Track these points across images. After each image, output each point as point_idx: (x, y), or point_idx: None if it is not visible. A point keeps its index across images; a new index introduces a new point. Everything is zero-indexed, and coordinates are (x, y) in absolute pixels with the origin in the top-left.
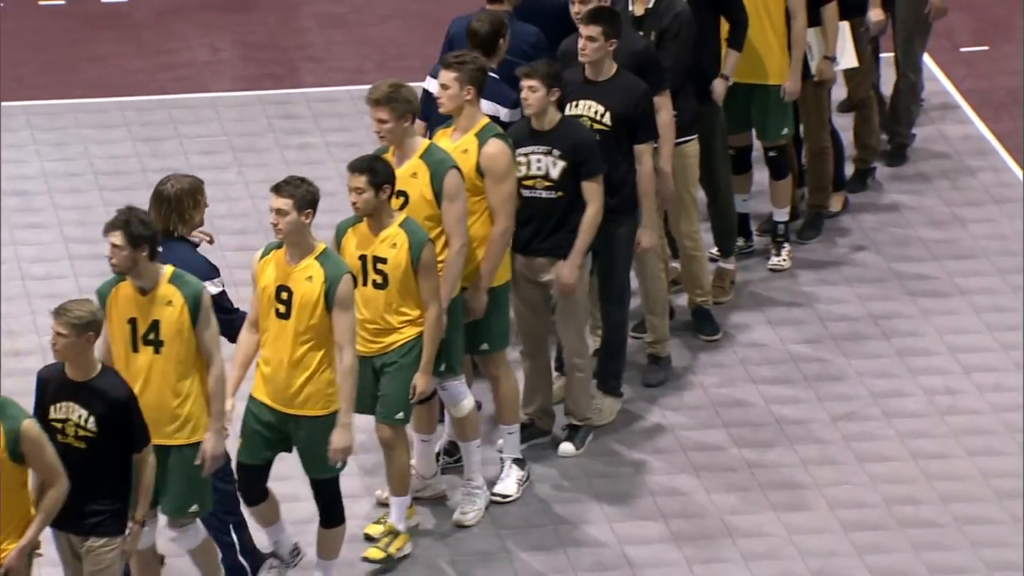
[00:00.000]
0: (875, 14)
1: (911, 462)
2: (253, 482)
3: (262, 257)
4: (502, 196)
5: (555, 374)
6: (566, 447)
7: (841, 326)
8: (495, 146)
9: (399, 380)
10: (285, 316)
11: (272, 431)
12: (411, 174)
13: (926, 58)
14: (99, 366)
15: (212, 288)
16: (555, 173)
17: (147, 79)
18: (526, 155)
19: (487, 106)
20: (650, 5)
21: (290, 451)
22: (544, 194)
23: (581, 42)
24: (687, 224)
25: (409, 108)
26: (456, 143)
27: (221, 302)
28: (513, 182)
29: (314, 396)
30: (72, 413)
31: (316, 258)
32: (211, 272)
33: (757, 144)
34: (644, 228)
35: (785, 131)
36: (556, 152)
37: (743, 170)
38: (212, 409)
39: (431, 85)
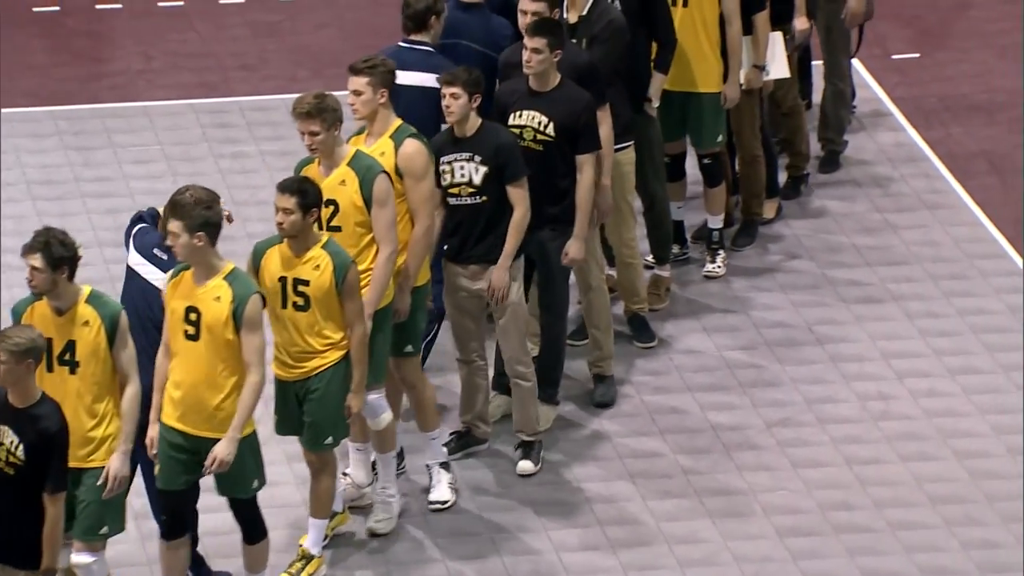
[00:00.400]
0: (800, 22)
1: (845, 468)
2: (177, 509)
3: (171, 279)
4: (422, 195)
5: (492, 392)
6: (525, 465)
7: (775, 332)
8: (411, 146)
9: (325, 407)
10: (194, 338)
11: (187, 454)
12: (340, 182)
13: (859, 66)
14: (39, 394)
15: None
16: (478, 179)
17: (80, 88)
18: (449, 163)
19: (422, 77)
20: (583, 12)
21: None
22: (469, 200)
23: (526, 54)
24: (624, 232)
25: (336, 116)
26: (371, 147)
27: None
28: (431, 180)
29: (227, 418)
30: (5, 438)
31: (224, 278)
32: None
33: (692, 151)
34: (574, 239)
35: (719, 139)
36: (478, 158)
37: (678, 178)
38: (123, 429)
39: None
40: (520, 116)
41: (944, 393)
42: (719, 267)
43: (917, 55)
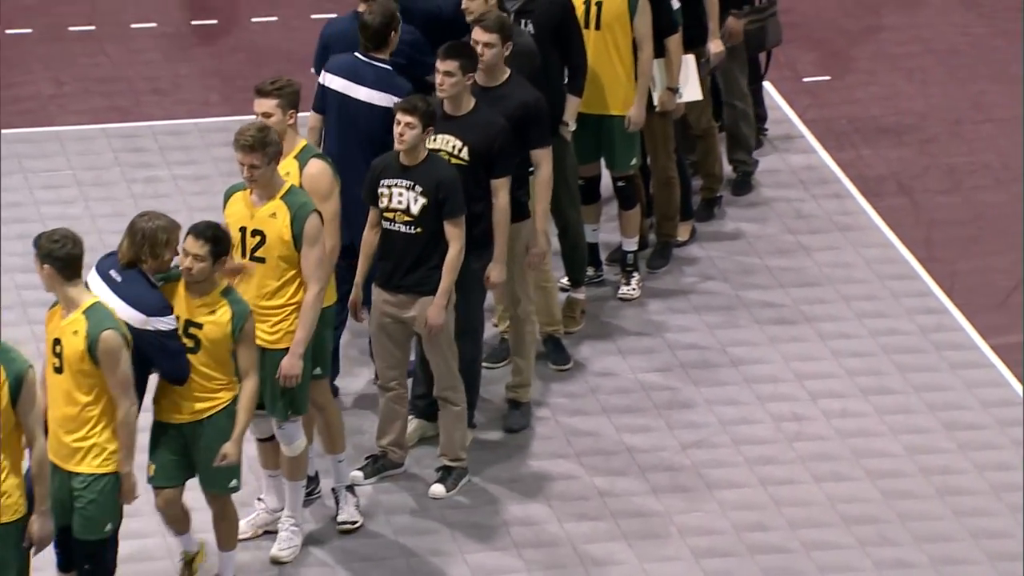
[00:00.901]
0: (714, 45)
1: (760, 488)
2: (65, 546)
3: (50, 309)
4: (326, 215)
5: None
6: (437, 489)
7: (690, 354)
8: (316, 166)
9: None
10: (59, 371)
11: (62, 492)
12: (271, 214)
13: (770, 88)
14: None
15: (163, 325)
16: (415, 209)
17: None
18: (389, 187)
19: (378, 96)
20: None
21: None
22: (403, 228)
23: (439, 77)
24: None
25: (277, 150)
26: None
27: (169, 341)
28: (336, 201)
29: (88, 454)
30: None
31: (84, 312)
32: (164, 310)
33: (606, 174)
34: (494, 263)
35: (633, 161)
36: (419, 188)
37: (592, 200)
38: (36, 492)
39: (328, 80)
40: (435, 140)
41: (857, 413)
42: (634, 289)
43: (827, 78)
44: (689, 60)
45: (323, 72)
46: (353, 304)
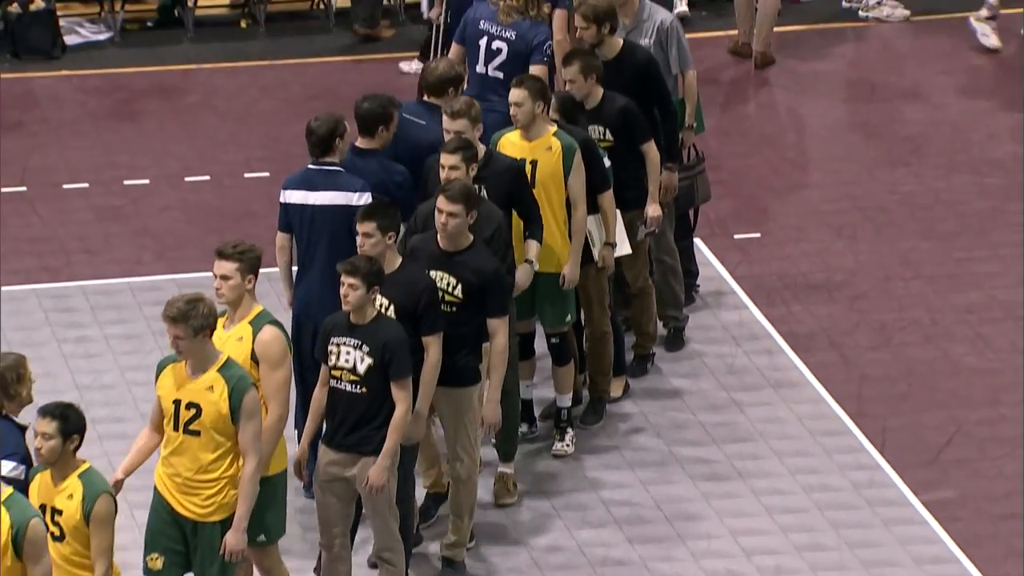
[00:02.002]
0: (652, 209)
1: None
2: None
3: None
4: (276, 383)
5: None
6: None
7: (624, 510)
8: (269, 333)
9: None
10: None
11: None
12: (207, 387)
13: (701, 245)
14: None
15: (5, 469)
16: (361, 368)
17: None
18: (338, 345)
19: (332, 196)
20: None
21: None
22: (349, 387)
23: (359, 239)
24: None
25: (206, 323)
26: (230, 331)
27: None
28: (288, 370)
29: None
30: None
31: (3, 502)
32: (11, 456)
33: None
34: (415, 418)
35: (568, 318)
36: (366, 348)
37: (527, 356)
38: None
39: (286, 196)
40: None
41: (791, 570)
42: (567, 445)
43: (757, 235)
44: (618, 214)
45: (281, 191)
46: (297, 463)
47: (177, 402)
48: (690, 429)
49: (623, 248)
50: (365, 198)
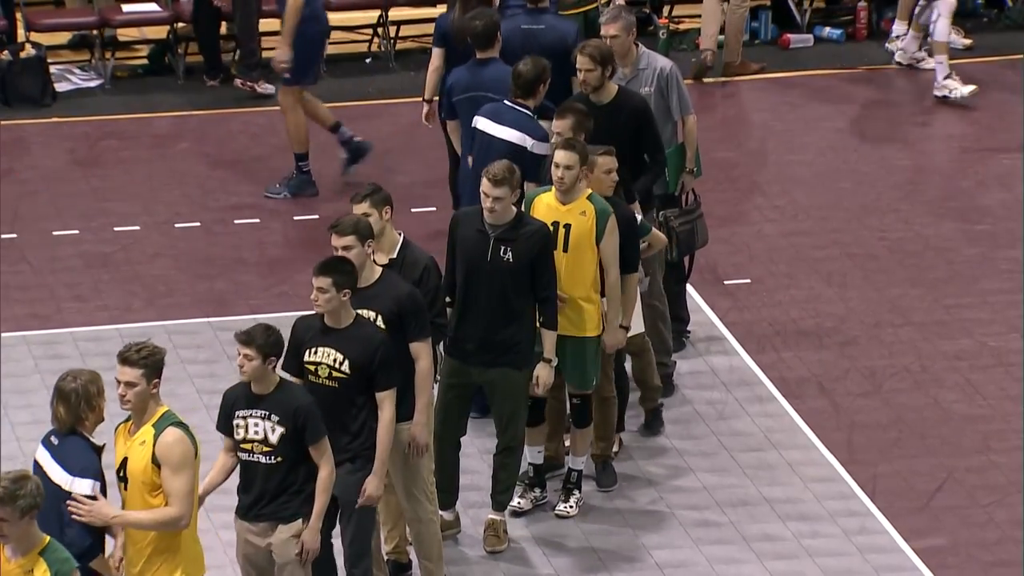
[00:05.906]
0: (609, 337)
1: None
2: None
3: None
4: (178, 488)
5: None
6: None
7: (614, 557)
8: (171, 435)
9: None
10: None
11: None
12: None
13: (692, 291)
14: None
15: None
16: (274, 438)
17: None
18: (244, 418)
19: (518, 135)
20: (394, 255)
21: None
22: (263, 459)
23: (313, 293)
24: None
25: (34, 503)
26: (135, 436)
27: None
28: (189, 476)
29: None
30: None
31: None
32: (85, 471)
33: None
34: (372, 475)
35: (593, 381)
36: (275, 417)
37: (538, 422)
38: None
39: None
40: (315, 352)
41: None
42: (571, 508)
43: (748, 281)
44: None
45: (476, 117)
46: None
47: None
48: (681, 476)
49: (637, 327)
50: (540, 148)
